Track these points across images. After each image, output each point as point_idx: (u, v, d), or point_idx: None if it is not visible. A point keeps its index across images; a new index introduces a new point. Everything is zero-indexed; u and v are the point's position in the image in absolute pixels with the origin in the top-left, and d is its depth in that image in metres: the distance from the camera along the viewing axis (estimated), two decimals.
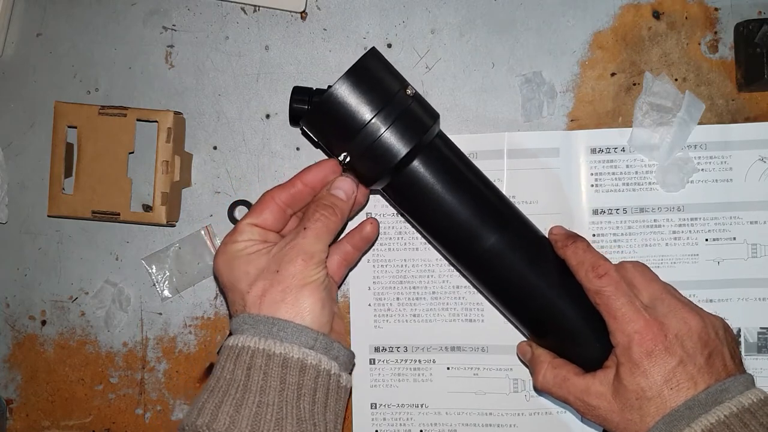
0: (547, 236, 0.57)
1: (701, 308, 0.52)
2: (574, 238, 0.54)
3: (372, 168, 0.51)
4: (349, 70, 0.49)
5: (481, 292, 0.63)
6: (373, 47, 0.53)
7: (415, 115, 0.50)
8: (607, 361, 0.52)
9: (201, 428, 0.46)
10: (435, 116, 0.53)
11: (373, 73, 0.50)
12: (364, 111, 0.49)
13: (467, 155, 0.57)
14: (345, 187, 0.53)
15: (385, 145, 0.49)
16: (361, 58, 0.50)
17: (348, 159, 0.51)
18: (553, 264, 0.54)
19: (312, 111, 0.52)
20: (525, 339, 0.60)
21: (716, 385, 0.48)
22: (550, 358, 0.55)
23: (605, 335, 0.51)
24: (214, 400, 0.47)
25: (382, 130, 0.49)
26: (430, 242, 0.59)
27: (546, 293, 0.53)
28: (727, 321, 0.52)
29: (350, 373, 0.52)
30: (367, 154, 0.50)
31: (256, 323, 0.48)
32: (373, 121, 0.49)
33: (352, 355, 0.52)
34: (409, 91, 0.51)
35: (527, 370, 0.64)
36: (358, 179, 0.54)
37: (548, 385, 0.54)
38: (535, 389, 0.57)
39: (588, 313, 0.52)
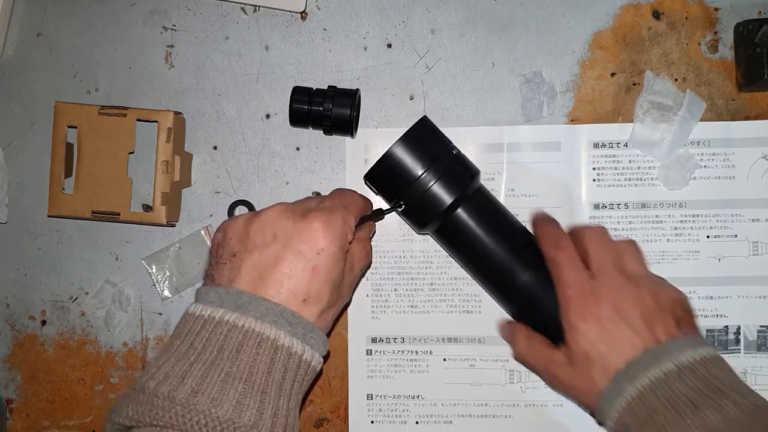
0: None
1: (650, 280, 0.55)
2: (551, 220, 0.59)
3: (423, 214, 0.59)
4: (403, 134, 0.58)
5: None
6: (425, 116, 0.60)
7: (457, 172, 0.59)
8: None
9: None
10: (475, 173, 0.60)
11: (422, 137, 0.59)
12: (416, 167, 0.58)
13: (468, 148, 0.63)
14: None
15: (433, 195, 0.58)
16: (413, 125, 0.59)
17: (403, 207, 0.59)
18: None
19: (373, 168, 0.59)
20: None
21: (655, 347, 0.50)
22: (527, 331, 0.59)
23: None
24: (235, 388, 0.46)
25: (431, 183, 0.57)
26: (473, 277, 0.63)
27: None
28: (683, 292, 0.55)
29: None
30: (419, 203, 0.58)
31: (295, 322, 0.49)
32: (423, 175, 0.58)
33: None
34: (454, 152, 0.59)
35: None
36: (412, 224, 0.61)
37: (522, 354, 0.59)
38: (515, 359, 0.61)
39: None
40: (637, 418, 0.49)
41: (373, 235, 0.64)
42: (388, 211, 0.61)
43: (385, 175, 0.59)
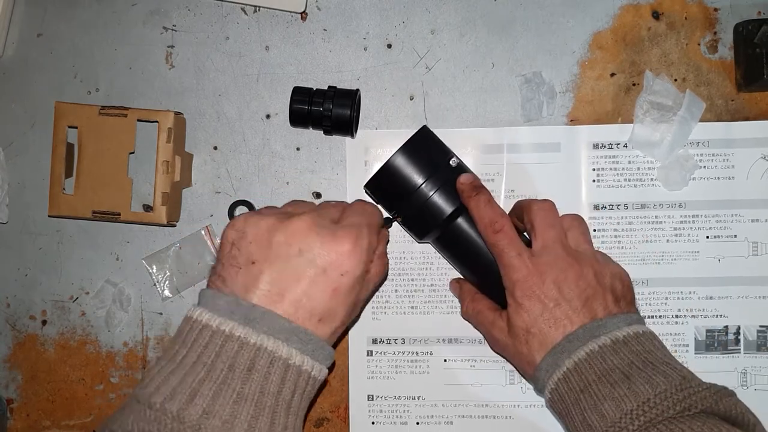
0: None
1: (593, 257, 0.56)
2: (478, 190, 0.58)
3: (423, 224, 0.60)
4: (403, 144, 0.58)
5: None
6: (425, 125, 0.60)
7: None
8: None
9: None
10: None
11: (422, 146, 0.59)
12: (416, 177, 0.58)
13: (468, 150, 0.65)
14: None
15: (433, 205, 0.58)
16: (413, 135, 0.59)
17: (402, 218, 0.60)
18: None
19: (373, 178, 0.60)
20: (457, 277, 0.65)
21: (593, 323, 0.52)
22: (474, 293, 0.62)
23: None
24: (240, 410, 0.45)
25: (431, 193, 0.58)
26: (474, 286, 0.63)
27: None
28: (625, 269, 0.57)
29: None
30: (418, 213, 0.59)
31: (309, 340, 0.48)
32: (423, 185, 0.58)
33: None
34: (452, 162, 0.59)
35: None
36: (412, 234, 0.62)
37: (468, 315, 0.62)
38: (461, 316, 0.63)
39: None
40: (572, 389, 0.51)
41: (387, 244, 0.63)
42: (389, 220, 0.61)
43: (385, 184, 0.59)
